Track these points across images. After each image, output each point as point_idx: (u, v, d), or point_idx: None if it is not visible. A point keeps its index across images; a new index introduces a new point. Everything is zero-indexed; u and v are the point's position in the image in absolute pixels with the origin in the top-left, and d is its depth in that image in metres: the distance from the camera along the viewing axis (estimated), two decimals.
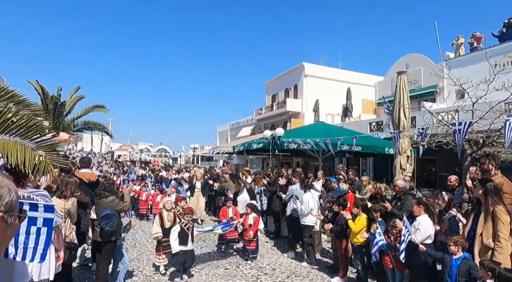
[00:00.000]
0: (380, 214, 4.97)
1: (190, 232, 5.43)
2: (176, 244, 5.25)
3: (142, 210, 10.65)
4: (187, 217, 5.49)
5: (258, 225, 6.65)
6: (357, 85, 25.29)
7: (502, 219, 3.65)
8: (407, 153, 8.71)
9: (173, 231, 5.36)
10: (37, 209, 2.39)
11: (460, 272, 3.71)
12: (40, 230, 2.36)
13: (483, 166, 4.29)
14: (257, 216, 6.81)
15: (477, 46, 15.47)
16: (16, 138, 2.78)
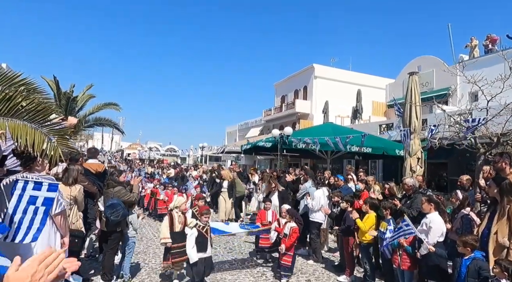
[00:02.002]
0: (390, 212, 4.88)
1: (209, 235, 4.69)
2: (194, 252, 4.43)
3: (162, 210, 9.68)
4: (205, 218, 4.66)
5: (295, 238, 5.37)
6: (367, 87, 25.06)
7: None
8: (418, 154, 8.57)
9: (189, 237, 4.52)
10: (41, 187, 2.41)
11: (469, 273, 3.61)
12: (37, 209, 2.39)
13: (497, 164, 4.17)
14: (296, 226, 5.46)
15: (492, 48, 15.15)
16: (26, 122, 2.81)
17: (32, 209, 2.41)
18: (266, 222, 6.01)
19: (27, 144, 2.65)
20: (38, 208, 2.43)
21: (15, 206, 2.40)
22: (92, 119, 14.22)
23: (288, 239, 5.31)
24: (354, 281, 5.43)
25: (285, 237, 5.35)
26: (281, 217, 5.80)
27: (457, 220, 4.49)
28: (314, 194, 6.39)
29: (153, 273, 5.44)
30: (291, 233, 5.34)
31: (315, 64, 27.30)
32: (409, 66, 19.73)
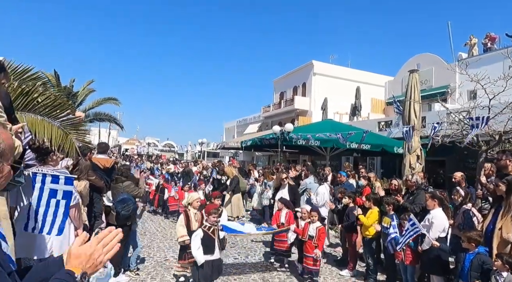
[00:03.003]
0: (393, 207, 4.98)
1: (217, 236, 4.27)
2: (200, 253, 4.10)
3: (173, 207, 9.29)
4: (212, 218, 4.28)
5: (324, 239, 5.10)
6: (366, 84, 25.15)
7: None
8: (417, 152, 8.68)
9: (194, 238, 4.19)
10: (58, 180, 2.48)
11: (472, 267, 3.71)
12: (59, 203, 2.45)
13: (500, 162, 4.28)
14: (322, 226, 5.10)
15: (491, 47, 15.28)
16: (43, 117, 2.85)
17: (54, 202, 2.47)
18: (279, 223, 5.66)
19: (45, 138, 2.69)
20: (59, 201, 2.49)
21: (38, 198, 2.46)
22: (92, 114, 14.22)
23: (317, 241, 4.93)
24: (356, 275, 5.53)
25: (311, 240, 4.95)
26: (301, 219, 5.42)
27: (459, 215, 4.60)
28: (318, 189, 6.48)
29: (159, 266, 5.51)
30: (319, 234, 4.95)
31: (314, 61, 27.32)
32: (408, 64, 19.82)
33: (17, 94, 2.75)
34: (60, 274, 1.18)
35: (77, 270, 1.18)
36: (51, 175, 2.63)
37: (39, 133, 2.73)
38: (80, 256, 1.20)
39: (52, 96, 2.89)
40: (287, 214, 5.74)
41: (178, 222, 4.74)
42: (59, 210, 2.51)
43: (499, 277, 3.49)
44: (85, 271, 1.19)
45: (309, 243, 4.94)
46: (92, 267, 1.21)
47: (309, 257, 4.90)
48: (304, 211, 5.42)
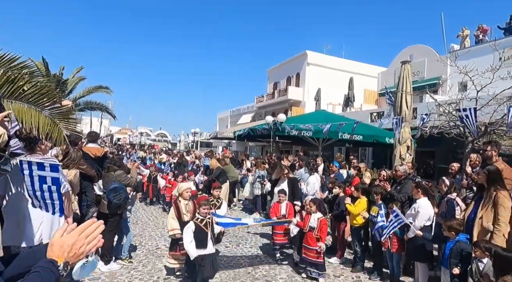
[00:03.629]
0: (381, 197, 5.08)
1: (210, 229, 4.05)
2: (192, 247, 3.88)
3: (169, 197, 9.09)
4: (203, 210, 4.04)
5: (326, 231, 4.97)
6: (359, 75, 25.19)
7: (504, 204, 3.74)
8: (407, 143, 8.81)
9: (185, 230, 3.98)
10: (44, 168, 2.50)
11: (452, 254, 3.85)
12: (50, 188, 2.49)
13: (485, 153, 4.38)
14: (323, 217, 4.98)
15: (482, 39, 15.38)
16: (30, 105, 2.82)
17: (46, 188, 2.50)
18: (280, 216, 5.50)
19: (32, 126, 2.68)
20: (50, 187, 2.52)
21: (31, 185, 2.49)
22: (83, 103, 14.02)
23: (318, 232, 4.76)
24: (344, 262, 5.67)
25: (311, 231, 4.77)
26: (304, 210, 5.26)
27: (442, 204, 4.73)
28: (309, 179, 6.57)
29: (150, 254, 5.57)
30: (320, 225, 4.79)
31: (308, 51, 27.19)
32: (401, 55, 19.87)
33: (3, 81, 2.72)
34: (43, 262, 1.20)
35: (60, 259, 1.21)
36: (36, 163, 2.64)
37: (26, 122, 2.72)
38: (63, 246, 1.23)
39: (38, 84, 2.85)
40: (287, 205, 5.65)
41: (169, 214, 4.62)
42: (53, 194, 2.55)
43: (480, 264, 3.63)
44: (68, 260, 1.22)
45: (310, 235, 4.78)
46: (74, 257, 1.24)
47: (311, 249, 4.75)
48: (307, 203, 5.24)
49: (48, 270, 1.17)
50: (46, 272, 1.16)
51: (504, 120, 4.62)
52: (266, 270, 5.17)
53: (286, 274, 5.04)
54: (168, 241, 6.34)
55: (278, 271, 5.16)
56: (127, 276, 4.55)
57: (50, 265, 1.18)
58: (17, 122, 2.74)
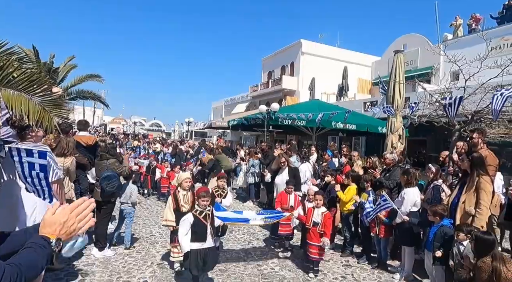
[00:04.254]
0: (371, 184, 5.20)
1: (210, 222, 3.82)
2: (185, 240, 3.66)
3: (164, 188, 9.04)
4: (203, 201, 3.80)
5: (331, 226, 4.70)
6: (353, 64, 25.19)
7: (485, 189, 3.87)
8: (399, 131, 8.93)
9: (182, 223, 3.76)
10: (32, 154, 2.53)
11: (435, 238, 4.01)
12: (39, 174, 2.53)
13: (472, 140, 4.49)
14: (327, 211, 4.75)
15: (475, 28, 15.43)
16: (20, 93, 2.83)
17: (35, 174, 2.54)
18: (287, 207, 5.29)
19: (23, 113, 2.69)
20: (38, 173, 2.55)
21: (22, 171, 2.53)
22: (75, 91, 13.87)
23: (323, 227, 4.51)
24: (334, 247, 5.83)
25: (315, 226, 4.53)
26: (308, 201, 5.06)
27: (428, 190, 4.86)
28: (300, 167, 6.67)
29: (144, 241, 5.66)
30: (325, 220, 4.53)
31: (303, 39, 27.03)
32: (395, 44, 19.87)
33: None
34: (36, 238, 1.26)
35: (52, 236, 1.27)
36: (25, 149, 2.68)
37: (16, 109, 2.72)
38: (55, 223, 1.29)
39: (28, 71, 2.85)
40: (296, 197, 5.46)
41: (167, 204, 4.44)
42: (42, 181, 2.59)
43: (460, 246, 3.78)
44: (60, 237, 1.28)
45: (314, 230, 4.53)
46: (66, 234, 1.30)
47: (313, 245, 4.51)
48: (311, 193, 5.04)
49: (41, 245, 1.23)
50: (39, 247, 1.22)
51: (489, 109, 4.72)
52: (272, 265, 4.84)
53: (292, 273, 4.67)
54: (162, 229, 6.46)
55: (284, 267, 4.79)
56: (121, 262, 4.64)
57: (42, 241, 1.24)
58: (7, 110, 2.74)
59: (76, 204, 1.36)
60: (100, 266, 4.44)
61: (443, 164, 5.83)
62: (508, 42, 13.80)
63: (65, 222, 1.29)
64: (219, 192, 5.16)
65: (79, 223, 1.33)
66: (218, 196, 5.03)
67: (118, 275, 4.20)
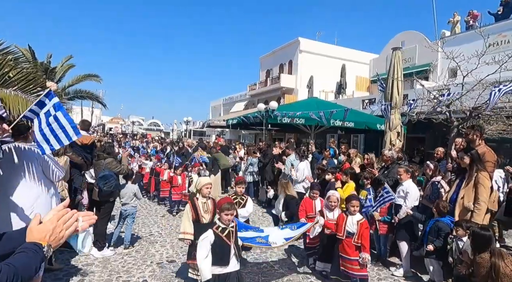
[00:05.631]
0: (370, 182, 5.21)
1: (233, 241, 3.11)
2: (206, 266, 2.95)
3: (164, 192, 8.23)
4: (226, 216, 3.07)
5: (368, 237, 3.86)
6: (351, 62, 25.18)
7: (484, 184, 3.89)
8: (398, 129, 8.96)
9: (201, 242, 3.02)
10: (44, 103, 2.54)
11: (430, 232, 4.04)
12: (56, 117, 2.55)
13: (469, 136, 4.50)
14: (363, 219, 3.97)
15: (473, 25, 15.44)
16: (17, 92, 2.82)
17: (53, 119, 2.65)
18: (313, 215, 4.54)
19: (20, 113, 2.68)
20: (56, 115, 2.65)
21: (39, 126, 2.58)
22: (72, 91, 13.84)
23: (359, 239, 3.76)
24: None
25: (350, 237, 3.79)
26: (327, 208, 4.30)
27: (428, 187, 4.88)
28: (298, 166, 6.67)
29: (143, 241, 5.65)
30: (361, 230, 3.77)
31: (301, 37, 27.00)
32: (393, 41, 19.88)
33: None
34: (28, 244, 1.27)
35: (43, 242, 1.28)
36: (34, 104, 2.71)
37: (13, 109, 2.71)
38: (43, 231, 1.31)
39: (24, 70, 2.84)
40: (322, 202, 4.65)
41: (184, 213, 3.83)
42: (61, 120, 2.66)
43: (460, 242, 3.79)
44: (50, 243, 1.30)
45: (348, 242, 3.80)
46: (55, 241, 1.32)
47: (351, 260, 3.76)
48: (333, 199, 4.26)
49: (33, 250, 1.24)
50: (32, 251, 1.24)
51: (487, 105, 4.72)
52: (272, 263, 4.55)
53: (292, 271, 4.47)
54: (161, 228, 6.47)
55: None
56: (120, 262, 4.63)
57: (35, 246, 1.25)
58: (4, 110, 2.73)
59: (62, 213, 1.38)
60: (99, 266, 4.44)
61: (439, 160, 5.85)
62: (505, 39, 13.82)
63: (54, 228, 1.31)
64: (238, 199, 4.43)
65: (67, 230, 1.36)
66: (237, 204, 4.28)
67: (118, 275, 4.19)
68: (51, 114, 2.54)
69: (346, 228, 3.84)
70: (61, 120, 2.56)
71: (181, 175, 7.84)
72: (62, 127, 2.56)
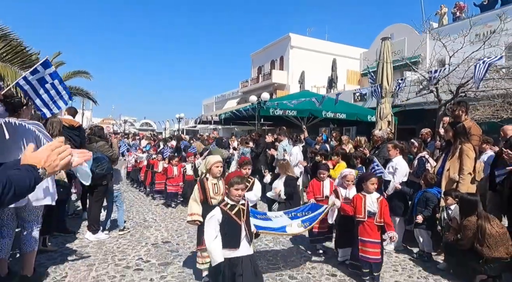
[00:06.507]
0: (361, 160, 5.30)
1: (245, 220, 2.76)
2: (217, 247, 2.60)
3: (160, 185, 7.77)
4: (236, 191, 2.74)
5: (388, 213, 3.55)
6: (342, 57, 25.40)
7: (468, 154, 4.01)
8: (388, 118, 9.11)
9: (208, 221, 2.70)
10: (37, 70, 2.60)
11: (418, 203, 4.14)
12: (54, 84, 2.61)
13: (455, 112, 4.62)
14: (381, 196, 3.65)
15: (459, 16, 15.72)
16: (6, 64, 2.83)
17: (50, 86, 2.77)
18: (321, 197, 4.19)
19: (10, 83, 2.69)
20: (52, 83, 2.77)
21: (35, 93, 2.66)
22: None
23: (382, 217, 3.44)
24: None
25: (372, 218, 3.44)
26: (342, 187, 3.99)
27: (415, 163, 4.99)
28: (292, 150, 6.74)
29: (138, 226, 5.65)
30: (383, 208, 3.48)
31: (292, 33, 27.13)
32: (382, 34, 20.07)
33: None
34: (23, 165, 1.32)
35: (38, 165, 1.32)
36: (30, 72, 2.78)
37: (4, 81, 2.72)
38: (38, 157, 1.36)
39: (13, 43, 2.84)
40: (332, 184, 4.29)
41: (192, 195, 3.41)
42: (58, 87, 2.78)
43: (449, 211, 3.90)
44: (45, 168, 1.34)
45: (370, 223, 3.45)
46: (50, 167, 1.36)
47: (370, 242, 3.41)
48: (351, 178, 3.97)
49: (27, 169, 1.28)
50: (26, 170, 1.28)
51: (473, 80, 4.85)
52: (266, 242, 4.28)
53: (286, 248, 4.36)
54: (155, 215, 6.47)
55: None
56: (115, 244, 4.63)
57: (29, 167, 1.30)
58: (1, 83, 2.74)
59: (55, 145, 1.43)
60: (94, 248, 4.43)
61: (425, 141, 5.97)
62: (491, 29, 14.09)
63: (48, 156, 1.35)
64: None
65: (61, 161, 1.39)
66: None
67: (113, 254, 4.20)
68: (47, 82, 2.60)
69: (366, 208, 3.48)
70: (58, 87, 2.63)
71: (177, 166, 7.49)
72: (59, 93, 2.65)
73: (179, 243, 4.70)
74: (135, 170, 10.58)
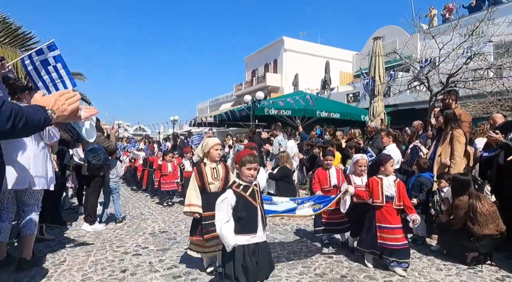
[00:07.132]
0: (355, 150, 5.40)
1: (259, 203, 2.44)
2: (229, 231, 2.29)
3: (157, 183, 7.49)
4: (248, 171, 2.41)
5: (406, 195, 3.35)
6: (335, 60, 25.73)
7: (459, 140, 4.12)
8: (381, 116, 9.28)
9: (219, 205, 2.35)
10: (42, 51, 2.65)
11: (412, 187, 4.25)
12: (56, 67, 2.65)
13: (445, 101, 4.76)
14: (398, 179, 3.49)
15: (448, 17, 16.08)
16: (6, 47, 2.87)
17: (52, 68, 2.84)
18: (329, 187, 3.86)
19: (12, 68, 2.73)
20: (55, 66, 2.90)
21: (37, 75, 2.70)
22: None
23: (401, 199, 3.25)
24: None
25: (390, 202, 3.23)
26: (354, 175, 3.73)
27: (407, 152, 5.11)
28: (287, 144, 6.83)
29: (135, 218, 5.66)
30: (400, 189, 3.27)
31: (285, 37, 27.42)
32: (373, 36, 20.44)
33: None
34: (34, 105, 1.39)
35: (47, 107, 1.39)
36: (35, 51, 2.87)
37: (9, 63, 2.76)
38: (47, 100, 1.44)
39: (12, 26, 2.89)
40: (338, 172, 3.98)
41: (190, 182, 3.11)
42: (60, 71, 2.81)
43: (442, 193, 4.00)
44: (54, 110, 1.41)
45: (388, 208, 3.22)
46: (59, 111, 1.43)
47: (392, 228, 3.17)
48: (363, 163, 3.70)
49: (37, 108, 1.35)
50: (36, 108, 1.34)
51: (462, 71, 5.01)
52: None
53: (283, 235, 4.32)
54: (151, 209, 6.47)
55: None
56: (113, 234, 4.63)
57: (38, 106, 1.36)
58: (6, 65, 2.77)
59: (64, 92, 1.51)
60: (91, 237, 4.43)
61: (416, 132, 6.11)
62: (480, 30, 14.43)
63: (56, 100, 1.43)
64: None
65: (69, 106, 1.46)
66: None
67: (111, 242, 4.20)
68: (50, 64, 2.65)
69: (384, 192, 3.24)
70: (60, 71, 2.69)
71: (171, 162, 7.19)
72: (60, 77, 2.70)
73: (176, 232, 4.72)
74: (130, 169, 10.56)
